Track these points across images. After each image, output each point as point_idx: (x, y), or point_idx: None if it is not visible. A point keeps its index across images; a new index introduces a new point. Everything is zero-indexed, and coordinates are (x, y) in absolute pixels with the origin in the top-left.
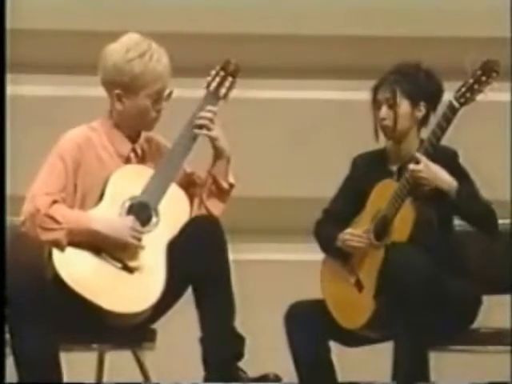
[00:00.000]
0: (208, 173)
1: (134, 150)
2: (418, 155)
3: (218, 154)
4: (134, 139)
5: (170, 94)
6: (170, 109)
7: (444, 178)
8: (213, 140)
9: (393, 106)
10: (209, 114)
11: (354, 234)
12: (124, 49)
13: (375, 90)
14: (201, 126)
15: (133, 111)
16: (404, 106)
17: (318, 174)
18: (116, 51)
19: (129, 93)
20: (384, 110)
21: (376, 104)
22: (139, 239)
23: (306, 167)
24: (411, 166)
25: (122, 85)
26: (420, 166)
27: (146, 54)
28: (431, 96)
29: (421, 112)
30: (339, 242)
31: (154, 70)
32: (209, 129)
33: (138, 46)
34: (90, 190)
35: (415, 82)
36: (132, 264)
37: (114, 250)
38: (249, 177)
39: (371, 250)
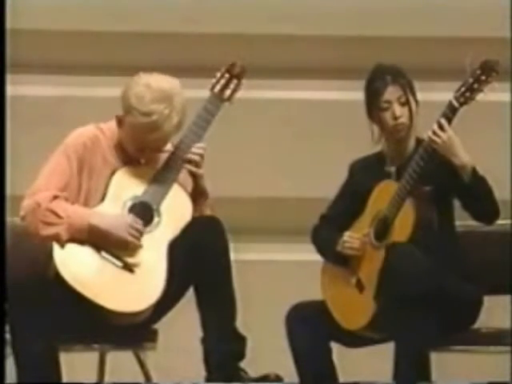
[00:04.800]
0: None
1: (137, 160)
2: (443, 121)
3: (199, 192)
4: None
5: (165, 151)
6: None
7: (461, 154)
8: (198, 177)
9: (406, 102)
10: (200, 151)
11: (354, 237)
12: (141, 94)
13: (378, 95)
14: (190, 161)
15: (123, 139)
16: (412, 102)
17: (318, 174)
18: (136, 92)
19: (125, 126)
20: (398, 109)
21: (382, 106)
22: (138, 238)
23: (307, 167)
24: (434, 128)
25: (124, 114)
26: (443, 133)
27: (153, 115)
28: (415, 91)
29: (417, 108)
30: (339, 246)
31: (152, 132)
32: (198, 166)
33: (152, 103)
34: (93, 190)
35: (407, 77)
36: (133, 263)
37: (114, 248)
38: (249, 177)
39: (372, 250)
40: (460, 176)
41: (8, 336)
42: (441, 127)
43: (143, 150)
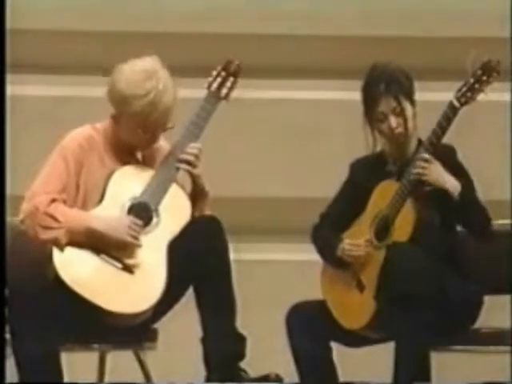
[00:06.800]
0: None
1: (134, 157)
2: (426, 156)
3: (198, 191)
4: (134, 146)
5: (169, 127)
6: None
7: (448, 180)
8: (195, 177)
9: (401, 112)
10: (195, 151)
11: (354, 244)
12: (131, 80)
13: (373, 105)
14: (186, 161)
15: (124, 135)
16: (408, 108)
17: (318, 173)
18: (125, 81)
19: (124, 120)
20: (393, 120)
21: (378, 117)
22: (137, 238)
23: (306, 167)
24: (419, 164)
25: (119, 110)
26: (426, 167)
27: (151, 94)
28: (412, 91)
29: (415, 109)
30: (339, 251)
31: (154, 110)
32: (193, 166)
33: (144, 83)
34: (91, 191)
35: (401, 82)
36: (133, 264)
37: (114, 250)
38: (249, 177)
39: (372, 250)
40: (455, 201)
41: (8, 336)
42: (425, 160)
43: (147, 139)
